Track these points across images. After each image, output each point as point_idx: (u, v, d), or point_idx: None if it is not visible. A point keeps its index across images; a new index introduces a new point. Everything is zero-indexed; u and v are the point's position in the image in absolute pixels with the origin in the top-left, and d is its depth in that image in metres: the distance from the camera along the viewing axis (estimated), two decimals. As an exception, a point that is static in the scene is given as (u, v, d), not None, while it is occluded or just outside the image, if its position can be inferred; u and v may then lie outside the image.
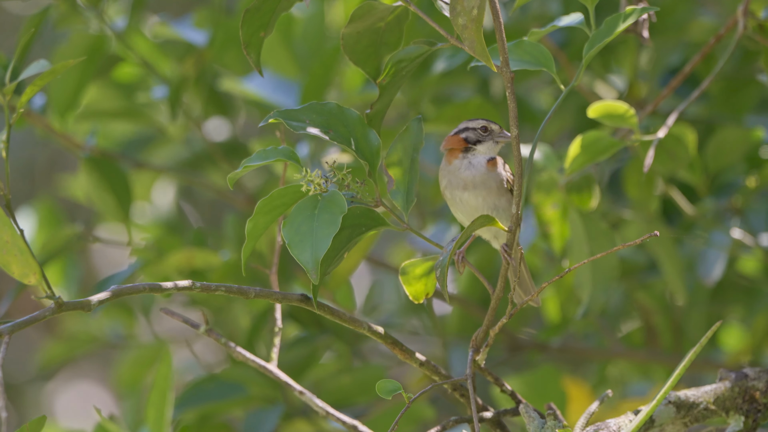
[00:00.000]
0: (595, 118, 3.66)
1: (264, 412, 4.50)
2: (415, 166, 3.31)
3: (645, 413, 3.32)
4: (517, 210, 3.27)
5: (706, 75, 4.45)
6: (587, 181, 4.08)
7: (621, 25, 3.26)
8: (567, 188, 4.08)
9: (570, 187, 4.08)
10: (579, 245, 4.03)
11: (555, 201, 4.12)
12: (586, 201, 4.09)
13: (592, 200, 4.09)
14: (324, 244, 3.12)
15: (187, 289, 3.20)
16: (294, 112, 3.24)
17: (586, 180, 4.09)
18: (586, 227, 4.02)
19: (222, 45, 4.81)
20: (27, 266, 3.05)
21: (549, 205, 4.13)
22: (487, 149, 3.43)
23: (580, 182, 4.09)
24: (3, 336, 2.99)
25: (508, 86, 3.20)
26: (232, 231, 4.72)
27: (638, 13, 3.27)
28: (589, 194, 4.09)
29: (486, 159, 3.41)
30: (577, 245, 4.03)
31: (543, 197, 4.11)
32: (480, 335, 3.37)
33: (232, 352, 3.48)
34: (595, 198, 4.09)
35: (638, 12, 3.27)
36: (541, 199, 4.12)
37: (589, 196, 4.09)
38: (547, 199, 4.12)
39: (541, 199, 4.12)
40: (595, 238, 4.01)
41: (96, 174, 4.59)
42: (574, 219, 4.03)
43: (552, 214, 4.14)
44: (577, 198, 4.09)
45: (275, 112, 3.22)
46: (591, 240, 4.01)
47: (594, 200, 4.09)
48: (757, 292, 4.79)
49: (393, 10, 3.27)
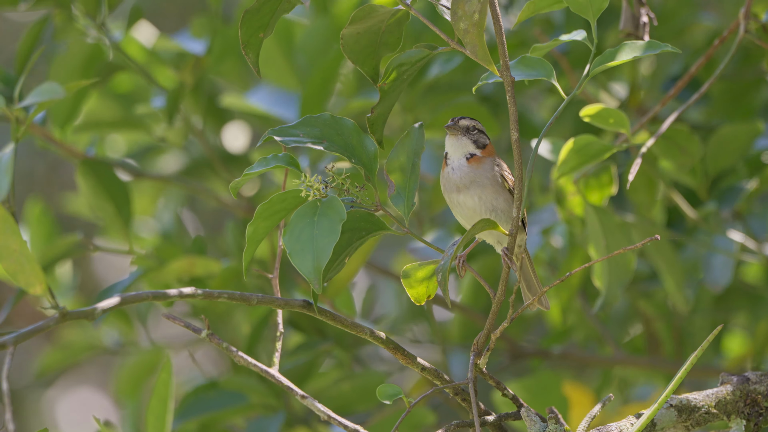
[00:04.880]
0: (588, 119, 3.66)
1: (265, 420, 4.50)
2: (416, 171, 3.31)
3: (647, 416, 3.32)
4: (518, 213, 3.27)
5: (706, 78, 4.45)
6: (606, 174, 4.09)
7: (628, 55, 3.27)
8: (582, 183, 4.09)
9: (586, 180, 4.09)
10: (596, 239, 4.02)
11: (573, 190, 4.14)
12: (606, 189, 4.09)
13: (612, 188, 4.09)
14: (325, 253, 3.13)
15: (190, 296, 3.20)
16: (288, 128, 3.26)
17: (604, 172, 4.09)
18: (602, 222, 4.02)
19: (220, 54, 4.81)
20: (33, 276, 3.05)
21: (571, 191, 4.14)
22: (450, 146, 3.43)
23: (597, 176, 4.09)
24: (7, 346, 2.99)
25: (508, 90, 3.20)
26: (232, 238, 4.72)
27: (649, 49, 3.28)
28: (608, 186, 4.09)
29: (463, 157, 3.42)
30: (594, 239, 4.03)
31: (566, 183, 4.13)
32: (481, 339, 3.37)
33: (233, 357, 3.47)
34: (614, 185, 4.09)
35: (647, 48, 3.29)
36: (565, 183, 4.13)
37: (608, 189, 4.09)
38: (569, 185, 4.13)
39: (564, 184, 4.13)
40: (611, 232, 4.01)
41: (93, 180, 4.58)
42: (590, 213, 4.04)
43: (575, 200, 4.15)
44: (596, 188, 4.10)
45: (270, 131, 3.24)
46: (607, 234, 4.02)
47: (614, 187, 4.09)
48: (759, 299, 4.79)
49: (394, 13, 3.28)
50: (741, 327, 5.00)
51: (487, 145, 3.45)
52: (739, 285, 4.80)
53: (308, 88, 4.61)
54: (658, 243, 4.28)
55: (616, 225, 4.01)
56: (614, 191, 4.11)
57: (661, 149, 4.04)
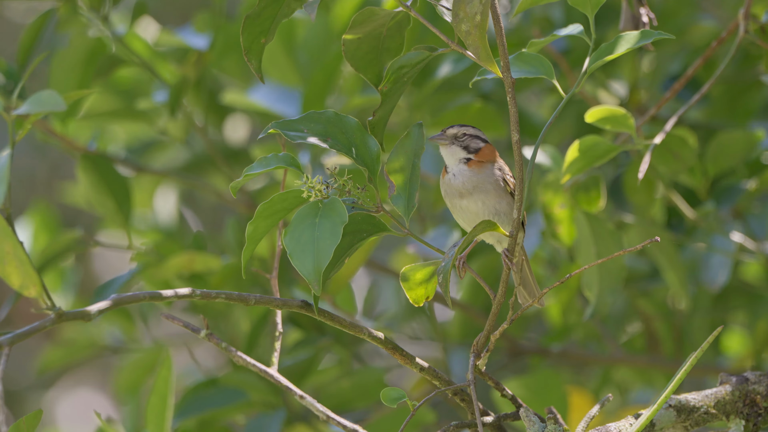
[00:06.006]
0: (593, 122, 3.66)
1: (265, 417, 4.50)
2: (417, 172, 3.31)
3: (646, 417, 3.32)
4: (518, 214, 3.27)
5: (706, 79, 4.45)
6: (594, 182, 4.09)
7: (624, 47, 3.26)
8: (573, 189, 4.09)
9: (576, 189, 4.09)
10: (586, 246, 4.03)
11: (562, 201, 4.13)
12: (594, 202, 4.09)
13: (600, 201, 4.09)
14: (326, 255, 3.12)
15: (187, 297, 3.20)
16: (292, 122, 3.24)
17: (592, 181, 4.09)
18: (593, 228, 4.02)
19: (222, 50, 4.81)
20: (27, 277, 3.05)
21: (557, 205, 4.13)
22: (444, 156, 3.45)
23: (586, 183, 4.09)
24: (3, 347, 2.99)
25: (509, 91, 3.20)
26: (232, 234, 4.71)
27: (643, 38, 3.27)
28: (596, 195, 4.09)
29: (459, 163, 3.42)
30: (584, 246, 4.03)
31: (551, 196, 4.12)
32: (481, 340, 3.37)
33: (232, 357, 3.48)
34: (602, 199, 4.09)
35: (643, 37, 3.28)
36: (550, 198, 4.12)
37: (597, 197, 4.09)
38: (555, 199, 4.12)
39: (549, 199, 4.12)
40: (602, 239, 4.01)
41: (94, 175, 4.58)
42: (581, 220, 4.03)
43: (560, 213, 4.14)
44: (584, 199, 4.10)
45: (273, 124, 3.23)
46: (598, 241, 4.01)
47: (602, 201, 4.09)
48: (759, 298, 4.79)
49: (394, 15, 3.27)
50: (740, 324, 5.00)
51: (480, 149, 3.44)
52: (738, 284, 4.80)
53: (310, 86, 4.61)
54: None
55: (608, 232, 4.01)
56: (602, 205, 4.11)
57: (655, 154, 4.05)
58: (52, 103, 3.07)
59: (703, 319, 4.80)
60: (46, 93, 3.07)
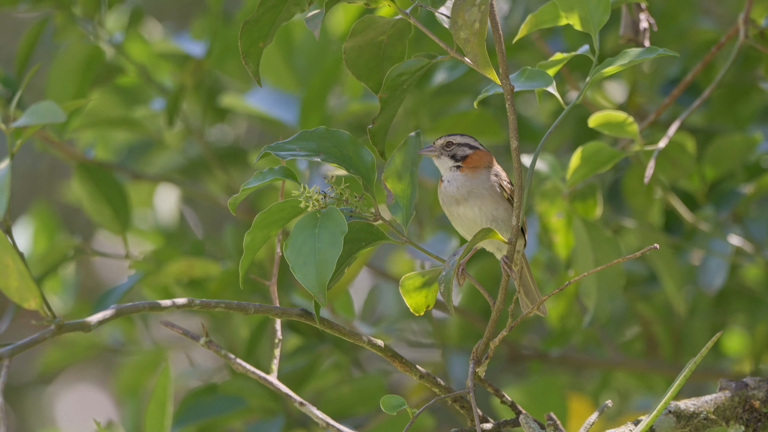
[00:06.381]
0: (596, 127, 3.65)
1: (264, 423, 4.50)
2: (414, 180, 3.31)
3: (645, 423, 3.32)
4: (518, 221, 3.26)
5: (706, 83, 4.45)
6: (591, 190, 4.08)
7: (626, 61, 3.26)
8: (570, 197, 4.08)
9: (573, 196, 4.08)
10: (584, 254, 4.02)
11: (559, 210, 4.12)
12: (591, 210, 4.09)
13: (597, 209, 4.08)
14: (329, 267, 3.13)
15: (186, 307, 3.20)
16: (284, 144, 3.25)
17: (589, 189, 4.08)
18: (591, 236, 4.01)
19: (221, 54, 4.80)
20: (27, 290, 3.05)
21: (553, 214, 4.12)
22: (438, 167, 3.45)
23: (583, 191, 4.08)
24: (3, 359, 2.99)
25: (507, 98, 3.19)
26: (231, 241, 4.71)
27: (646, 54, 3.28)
28: (593, 203, 4.09)
29: (450, 170, 3.42)
30: (582, 254, 4.03)
31: (547, 206, 4.11)
32: (481, 347, 3.37)
33: (232, 364, 3.47)
34: (599, 207, 4.09)
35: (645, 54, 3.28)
36: (546, 207, 4.11)
37: (594, 205, 4.09)
38: (552, 208, 4.12)
39: (545, 208, 4.12)
40: (600, 246, 4.01)
41: (90, 183, 4.57)
42: (579, 228, 4.03)
43: (557, 223, 4.14)
44: (581, 207, 4.09)
45: (266, 148, 3.24)
46: (596, 248, 4.01)
47: (598, 209, 4.08)
48: (758, 301, 4.79)
49: (394, 23, 3.27)
50: (740, 325, 4.99)
51: (468, 156, 3.44)
52: (737, 287, 4.80)
53: (309, 91, 4.60)
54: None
55: (606, 239, 4.01)
56: (599, 213, 4.10)
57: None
58: (51, 114, 3.05)
59: (703, 322, 4.80)
60: (45, 104, 3.05)
